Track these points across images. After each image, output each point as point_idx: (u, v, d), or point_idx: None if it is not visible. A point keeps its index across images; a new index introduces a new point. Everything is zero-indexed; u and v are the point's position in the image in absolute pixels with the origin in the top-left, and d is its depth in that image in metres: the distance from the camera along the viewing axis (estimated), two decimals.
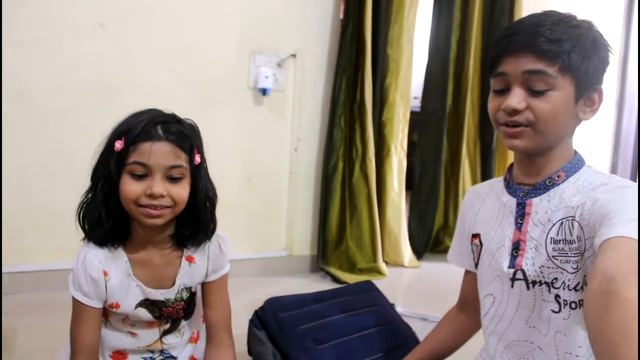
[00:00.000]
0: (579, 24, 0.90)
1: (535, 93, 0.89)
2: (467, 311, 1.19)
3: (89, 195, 1.04)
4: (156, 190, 0.97)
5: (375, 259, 2.59)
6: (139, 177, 0.98)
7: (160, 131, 0.99)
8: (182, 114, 1.07)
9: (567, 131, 0.95)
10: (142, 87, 2.16)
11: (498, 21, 3.02)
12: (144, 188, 0.97)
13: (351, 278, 2.45)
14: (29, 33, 1.98)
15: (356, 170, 2.59)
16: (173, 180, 1.00)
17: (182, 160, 1.01)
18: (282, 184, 2.54)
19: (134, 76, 2.16)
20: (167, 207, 1.00)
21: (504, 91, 0.93)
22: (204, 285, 1.15)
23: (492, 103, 0.96)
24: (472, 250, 1.10)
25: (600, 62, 0.92)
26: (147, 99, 2.05)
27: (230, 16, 2.33)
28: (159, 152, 0.98)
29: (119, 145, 0.98)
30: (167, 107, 1.07)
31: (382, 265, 2.60)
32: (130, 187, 0.98)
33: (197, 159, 1.03)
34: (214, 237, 1.13)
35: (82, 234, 1.06)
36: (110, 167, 0.99)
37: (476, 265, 1.09)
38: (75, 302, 1.06)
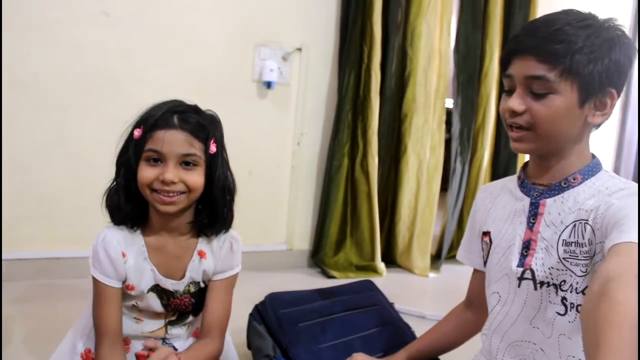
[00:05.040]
0: (591, 24, 0.89)
1: (535, 96, 0.91)
2: (473, 310, 1.20)
3: (114, 182, 1.09)
4: (167, 176, 1.00)
5: (373, 258, 2.57)
6: (154, 162, 1.02)
7: (176, 120, 1.03)
8: None
9: (574, 135, 0.94)
10: (145, 78, 2.13)
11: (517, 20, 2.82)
12: (157, 173, 1.01)
13: (345, 276, 2.42)
14: (32, 20, 1.95)
15: (357, 167, 2.55)
16: (187, 166, 1.03)
17: (195, 149, 1.03)
18: (284, 177, 2.53)
19: (137, 66, 2.14)
20: (181, 192, 1.03)
21: (511, 92, 0.95)
22: (209, 282, 1.17)
23: (502, 104, 0.97)
24: (482, 248, 1.10)
25: (613, 63, 0.89)
26: (149, 89, 2.04)
27: (236, 8, 2.30)
28: (173, 140, 1.01)
29: (137, 133, 1.03)
30: (170, 98, 1.08)
31: (380, 265, 2.57)
32: (145, 173, 1.02)
33: (213, 148, 1.06)
34: (227, 237, 1.15)
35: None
36: (129, 154, 1.04)
37: (485, 263, 1.09)
38: (95, 282, 1.08)
